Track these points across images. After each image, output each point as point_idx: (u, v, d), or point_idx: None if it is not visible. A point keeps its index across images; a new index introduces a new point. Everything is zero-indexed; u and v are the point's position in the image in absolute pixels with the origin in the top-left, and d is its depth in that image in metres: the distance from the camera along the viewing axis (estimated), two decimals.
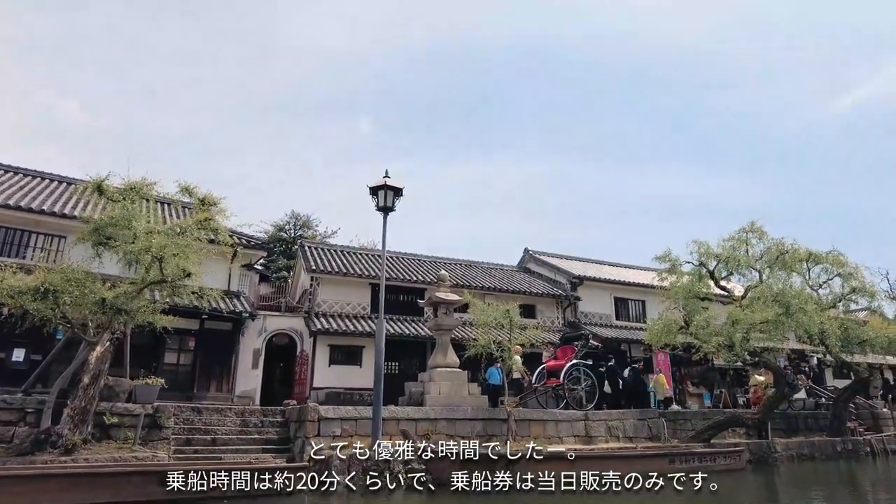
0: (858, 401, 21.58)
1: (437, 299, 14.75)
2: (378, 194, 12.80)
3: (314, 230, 36.99)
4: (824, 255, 18.56)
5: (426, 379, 14.53)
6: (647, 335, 17.02)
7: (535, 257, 30.04)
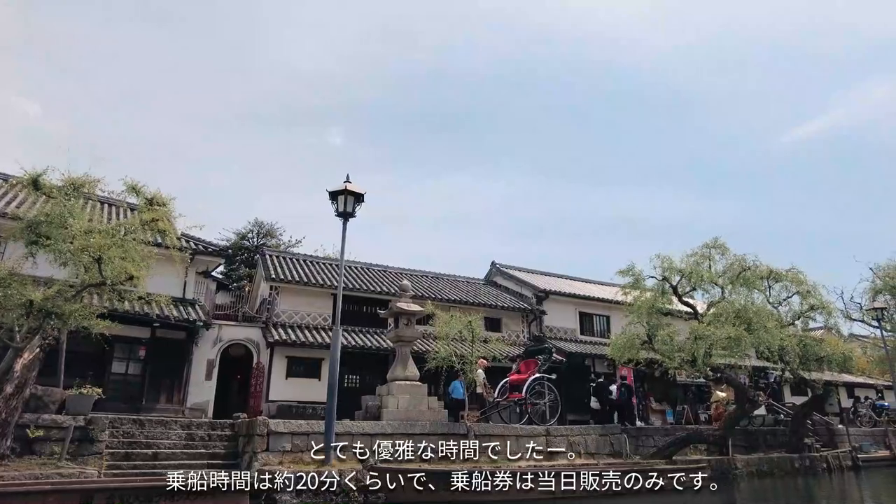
0: (815, 417, 21.85)
1: (398, 310, 14.32)
2: (338, 199, 12.40)
3: (278, 239, 36.15)
4: (784, 273, 18.80)
5: (384, 392, 14.03)
6: (611, 350, 16.88)
7: (502, 271, 29.85)
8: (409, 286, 15.38)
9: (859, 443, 21.42)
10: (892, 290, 29.36)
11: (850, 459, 19.63)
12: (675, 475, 10.70)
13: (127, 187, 10.86)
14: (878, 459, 20.93)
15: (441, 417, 13.79)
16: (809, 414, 20.50)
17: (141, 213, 10.97)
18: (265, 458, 11.22)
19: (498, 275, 29.93)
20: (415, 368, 14.48)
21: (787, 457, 17.87)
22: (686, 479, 10.20)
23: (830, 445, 20.57)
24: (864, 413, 28.26)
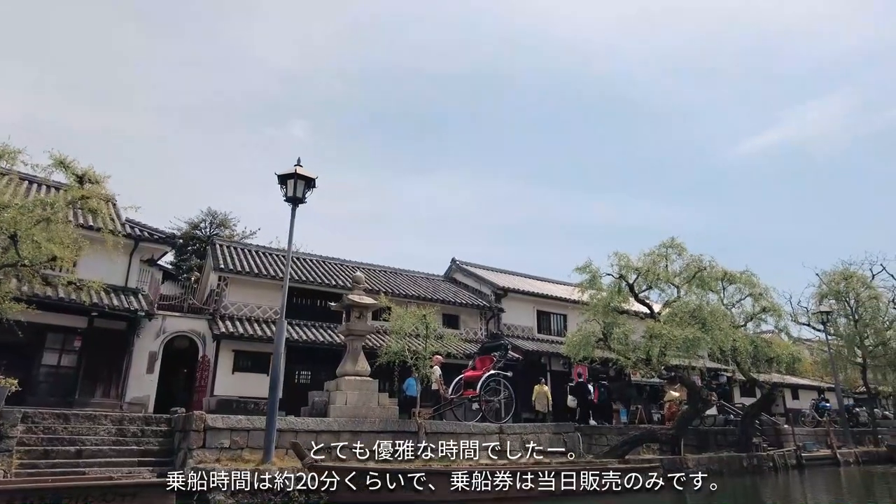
0: (763, 417, 22.24)
1: (349, 302, 13.75)
2: (287, 183, 11.77)
3: (231, 230, 34.95)
4: (738, 276, 19.02)
5: (332, 388, 13.47)
6: (566, 347, 16.70)
7: (461, 268, 29.52)
8: (362, 278, 14.83)
9: (803, 442, 21.90)
10: (837, 295, 30.35)
11: (794, 458, 20.02)
12: (675, 475, 10.41)
13: (54, 161, 9.96)
14: (821, 458, 21.44)
15: (391, 415, 13.31)
16: (758, 414, 20.84)
17: (70, 191, 10.09)
18: (201, 455, 10.54)
19: (458, 272, 29.60)
20: (366, 363, 13.95)
21: (737, 456, 18.06)
22: (686, 480, 9.95)
23: (777, 445, 20.95)
24: (808, 413, 29.08)
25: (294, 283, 21.55)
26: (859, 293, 29.63)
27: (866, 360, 29.71)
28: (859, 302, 29.74)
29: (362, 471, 9.45)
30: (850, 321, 29.63)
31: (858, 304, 29.78)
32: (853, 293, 29.70)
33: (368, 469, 9.58)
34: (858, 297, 29.70)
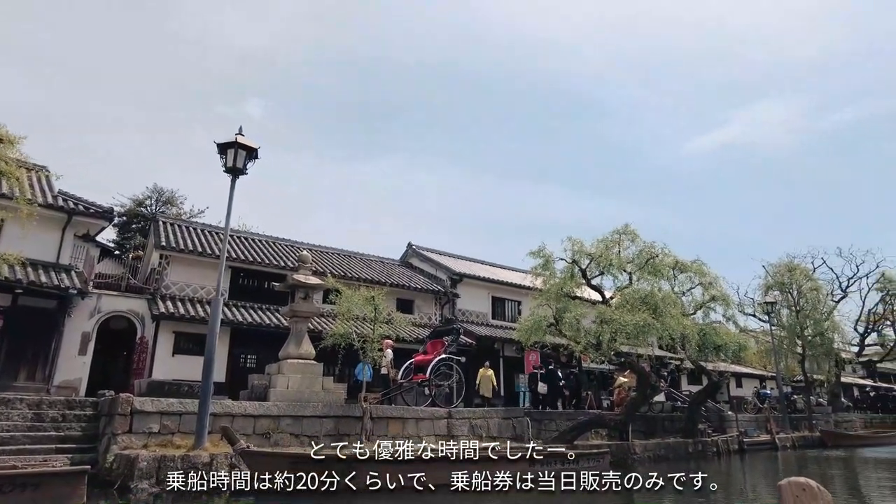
0: (709, 404, 22.75)
1: (294, 282, 13.14)
2: (227, 153, 11.06)
3: (178, 208, 33.48)
4: (689, 265, 19.21)
5: (274, 371, 12.87)
6: (517, 333, 16.51)
7: (417, 252, 29.08)
8: (308, 257, 14.21)
9: (745, 428, 22.53)
10: (781, 287, 31.38)
11: (737, 443, 20.56)
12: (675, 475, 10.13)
13: None
14: (761, 443, 22.14)
15: (336, 399, 12.83)
16: (704, 401, 21.25)
17: None
18: (126, 440, 9.86)
19: (413, 256, 29.15)
20: (310, 346, 13.40)
21: (683, 441, 18.34)
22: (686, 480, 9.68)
23: (721, 431, 21.48)
24: (751, 401, 30.02)
25: (240, 263, 20.76)
26: (802, 285, 30.69)
27: (805, 350, 30.87)
28: (801, 294, 30.82)
29: (296, 456, 8.97)
30: (793, 312, 30.69)
31: (800, 296, 30.86)
32: (796, 285, 30.75)
33: (302, 455, 9.09)
34: (801, 289, 30.76)
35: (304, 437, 11.71)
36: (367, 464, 9.18)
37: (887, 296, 37.71)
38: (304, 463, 8.77)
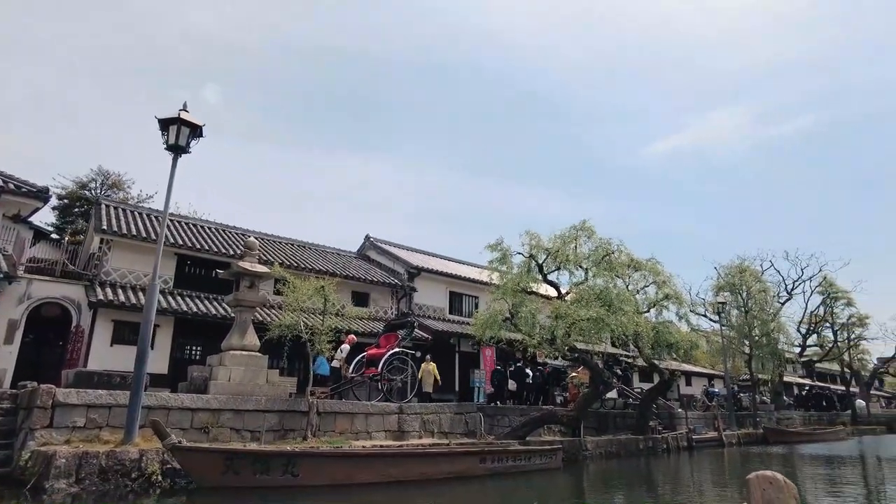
0: (660, 401, 23.05)
1: (239, 269, 12.50)
2: (169, 129, 10.37)
3: (126, 192, 31.93)
4: (644, 263, 19.35)
5: (215, 363, 12.23)
6: (473, 327, 16.26)
7: (375, 245, 28.57)
8: (255, 244, 13.56)
9: (694, 425, 22.93)
10: (732, 288, 32.19)
11: (685, 440, 20.87)
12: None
13: None
14: (708, 440, 22.57)
15: (281, 393, 12.28)
16: (656, 398, 21.50)
17: None
18: (46, 436, 9.11)
19: (371, 249, 28.63)
20: (255, 338, 12.79)
21: (634, 438, 18.47)
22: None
23: (671, 428, 21.78)
24: (699, 399, 30.67)
25: (187, 250, 19.85)
26: (751, 286, 31.55)
27: (752, 349, 31.78)
28: (750, 295, 31.69)
29: (232, 452, 8.44)
30: (742, 312, 31.52)
31: (749, 297, 31.73)
32: (746, 286, 31.60)
33: (238, 451, 8.57)
34: (750, 291, 31.63)
35: (245, 433, 11.14)
36: (310, 459, 8.75)
37: (828, 299, 39.36)
38: (242, 458, 8.26)
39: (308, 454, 8.89)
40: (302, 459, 8.55)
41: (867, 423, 38.85)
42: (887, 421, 42.36)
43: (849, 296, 39.29)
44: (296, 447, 9.96)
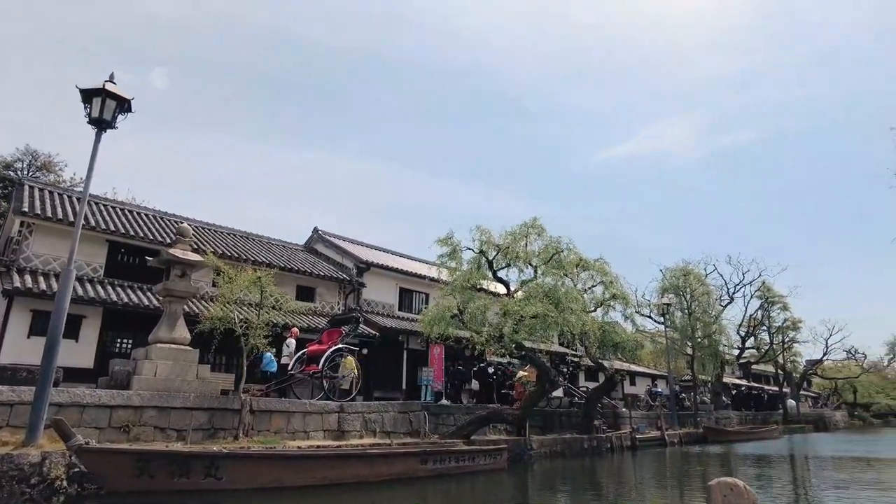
0: (605, 400, 23.24)
1: (169, 257, 11.67)
2: (93, 102, 9.52)
3: (57, 175, 30.00)
4: (592, 263, 19.43)
5: (140, 356, 11.38)
6: (421, 324, 15.84)
7: (323, 238, 27.71)
8: (188, 230, 12.74)
9: (637, 425, 23.24)
10: (676, 290, 32.94)
11: (629, 440, 21.08)
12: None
13: None
14: (651, 439, 22.91)
15: (211, 390, 11.52)
16: (601, 398, 21.63)
17: None
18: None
19: (319, 242, 27.76)
20: (185, 330, 11.98)
21: (578, 437, 18.47)
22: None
23: (615, 427, 21.96)
24: (643, 398, 31.24)
25: (121, 237, 18.64)
26: (695, 289, 32.38)
27: (694, 351, 32.65)
28: (694, 297, 32.53)
29: (145, 454, 7.73)
30: (685, 314, 32.32)
31: (693, 300, 32.57)
32: (690, 289, 32.41)
33: (152, 452, 7.87)
34: (694, 293, 32.46)
35: (170, 432, 10.38)
36: (235, 460, 8.12)
37: (766, 303, 40.99)
38: (157, 460, 7.57)
39: (233, 455, 8.25)
40: (226, 461, 7.92)
41: (797, 422, 40.68)
42: (814, 419, 44.63)
43: (784, 300, 41.05)
44: (224, 447, 9.30)
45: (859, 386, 56.09)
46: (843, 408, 57.03)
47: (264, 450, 9.52)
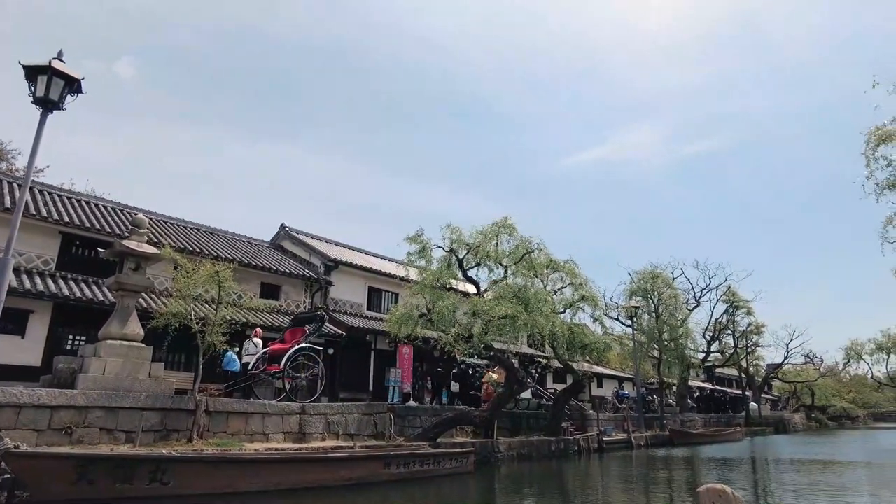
0: (573, 403, 23.18)
1: (123, 249, 11.05)
2: (38, 80, 8.89)
3: (10, 163, 28.64)
4: (562, 264, 19.37)
5: (88, 353, 10.74)
6: (388, 324, 15.46)
7: (291, 235, 27.04)
8: (144, 221, 12.11)
9: (604, 427, 23.24)
10: (644, 293, 33.21)
11: (596, 442, 21.02)
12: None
13: None
14: (618, 442, 22.93)
15: (165, 389, 10.95)
16: (569, 399, 21.54)
17: None
18: None
19: (286, 238, 27.08)
20: (138, 327, 11.37)
21: (546, 440, 18.30)
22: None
23: (582, 429, 21.91)
24: (610, 401, 31.38)
25: (75, 229, 17.78)
26: (663, 292, 32.69)
27: (661, 354, 32.96)
28: (661, 300, 32.85)
29: (84, 458, 7.19)
30: (653, 317, 32.61)
31: (660, 303, 32.89)
32: (658, 292, 32.72)
33: (92, 456, 7.33)
34: (661, 296, 32.77)
35: (118, 434, 9.79)
36: (185, 464, 7.63)
37: (731, 307, 41.74)
38: (98, 465, 7.04)
39: (182, 459, 7.75)
40: (174, 465, 7.43)
41: (759, 424, 41.50)
42: (775, 422, 45.69)
43: (749, 305, 41.85)
44: (174, 450, 8.78)
45: (817, 389, 57.72)
46: (802, 410, 58.54)
47: (218, 453, 9.02)
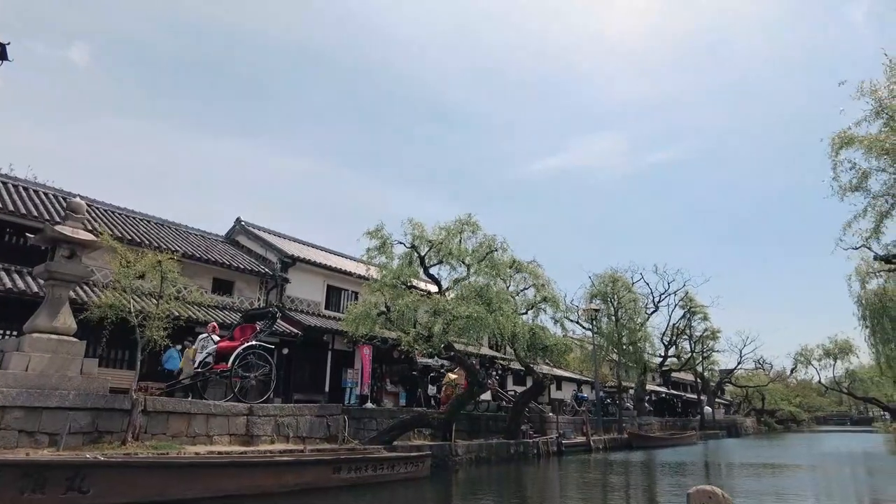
0: (532, 405, 22.95)
1: (55, 234, 10.15)
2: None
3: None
4: (525, 265, 19.18)
5: (10, 347, 9.81)
6: (345, 322, 14.86)
7: (246, 229, 26.02)
8: (82, 206, 11.20)
9: (563, 430, 23.11)
10: (604, 296, 33.38)
11: (555, 445, 20.84)
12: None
13: None
14: (577, 445, 22.83)
15: (98, 387, 10.10)
16: (528, 402, 21.30)
17: None
18: None
19: (242, 233, 26.04)
20: (71, 320, 10.48)
21: (505, 443, 17.98)
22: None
23: (541, 432, 21.70)
24: (569, 403, 31.37)
25: (4, 214, 16.51)
26: (622, 296, 32.90)
27: (620, 357, 33.17)
28: (621, 304, 33.05)
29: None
30: (612, 321, 32.78)
31: (620, 306, 33.09)
32: (617, 296, 32.91)
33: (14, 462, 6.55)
34: (621, 300, 32.97)
35: (41, 436, 8.94)
36: (108, 470, 6.91)
37: (688, 313, 42.50)
38: (4, 471, 6.27)
39: (105, 464, 7.02)
40: (95, 471, 6.71)
41: (713, 428, 42.37)
42: (728, 426, 46.86)
43: (705, 311, 42.70)
44: (101, 454, 8.02)
45: (767, 394, 59.50)
46: (753, 414, 60.22)
47: (150, 456, 8.29)
